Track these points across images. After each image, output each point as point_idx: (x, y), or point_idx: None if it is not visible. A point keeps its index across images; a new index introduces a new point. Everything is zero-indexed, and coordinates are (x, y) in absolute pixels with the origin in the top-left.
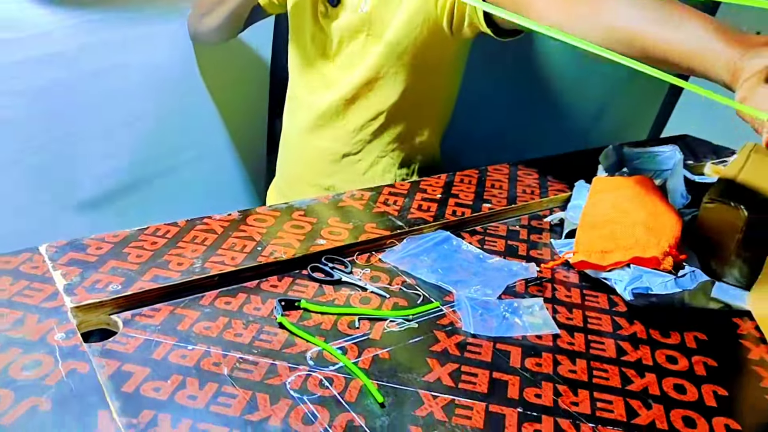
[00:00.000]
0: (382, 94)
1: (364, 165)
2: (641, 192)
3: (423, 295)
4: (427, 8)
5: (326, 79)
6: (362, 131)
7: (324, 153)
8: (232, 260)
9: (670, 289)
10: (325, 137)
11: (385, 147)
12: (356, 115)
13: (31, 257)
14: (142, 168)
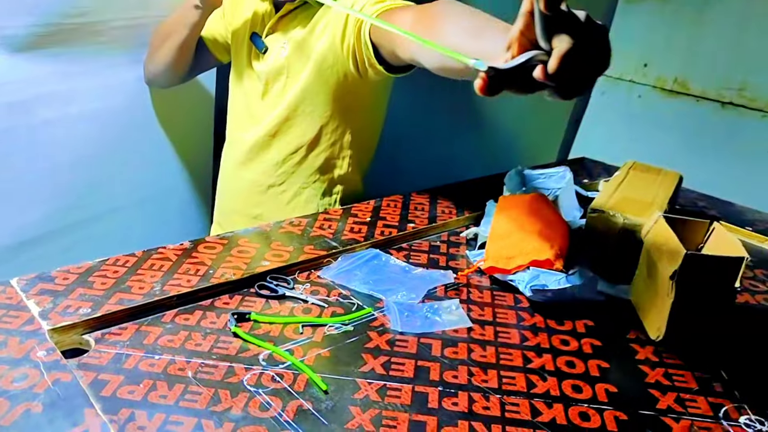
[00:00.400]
0: (300, 130)
1: (288, 195)
2: (537, 207)
3: (357, 303)
4: (335, 53)
5: (255, 117)
6: (285, 164)
7: (252, 185)
8: (187, 282)
9: (562, 285)
10: (253, 170)
11: (307, 179)
12: (279, 149)
13: (4, 290)
14: (93, 207)
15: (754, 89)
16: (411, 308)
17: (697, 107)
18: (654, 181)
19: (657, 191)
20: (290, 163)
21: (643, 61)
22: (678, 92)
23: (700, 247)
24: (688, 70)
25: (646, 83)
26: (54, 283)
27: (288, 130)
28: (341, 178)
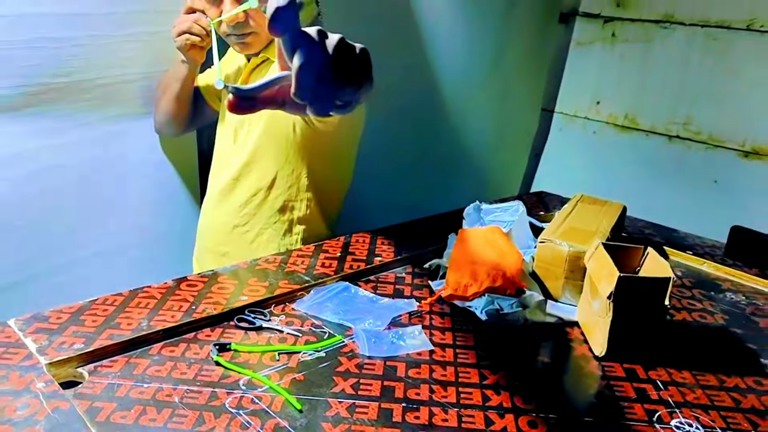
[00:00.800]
0: (259, 174)
1: (251, 235)
2: (492, 238)
3: (329, 332)
4: None
5: (226, 161)
6: (247, 206)
7: (221, 225)
8: (172, 318)
9: (515, 309)
10: (222, 211)
11: (267, 220)
12: (242, 192)
13: (3, 329)
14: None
15: (698, 123)
16: (378, 335)
17: (647, 141)
18: (599, 212)
19: (601, 221)
20: (252, 205)
21: (596, 99)
22: (629, 127)
23: (636, 270)
24: (637, 107)
25: (599, 120)
26: (49, 322)
27: (248, 174)
28: (301, 219)
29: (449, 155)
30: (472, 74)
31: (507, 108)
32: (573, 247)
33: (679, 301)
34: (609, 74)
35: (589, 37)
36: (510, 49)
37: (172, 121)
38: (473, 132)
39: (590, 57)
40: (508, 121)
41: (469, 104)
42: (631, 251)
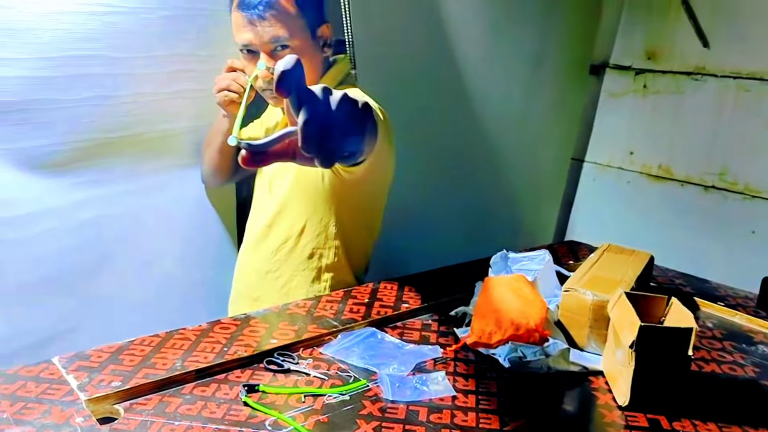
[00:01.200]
0: (289, 222)
1: (282, 281)
2: (517, 287)
3: (354, 376)
4: None
5: (262, 210)
6: (278, 252)
7: (254, 270)
8: (204, 359)
9: (538, 357)
10: (256, 257)
11: (297, 267)
12: (273, 239)
13: (48, 366)
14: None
15: (735, 173)
16: (402, 380)
17: (682, 191)
18: (625, 261)
19: (627, 270)
20: (282, 252)
21: (629, 150)
22: (664, 177)
23: (661, 320)
24: (671, 157)
25: (633, 170)
26: (89, 360)
27: (280, 221)
28: (329, 267)
29: (479, 204)
30: (502, 124)
31: (537, 157)
32: (597, 297)
33: (708, 353)
34: (642, 125)
35: (621, 89)
36: (540, 99)
37: (216, 172)
38: (504, 181)
39: (622, 108)
40: (538, 170)
41: (499, 153)
42: (655, 301)
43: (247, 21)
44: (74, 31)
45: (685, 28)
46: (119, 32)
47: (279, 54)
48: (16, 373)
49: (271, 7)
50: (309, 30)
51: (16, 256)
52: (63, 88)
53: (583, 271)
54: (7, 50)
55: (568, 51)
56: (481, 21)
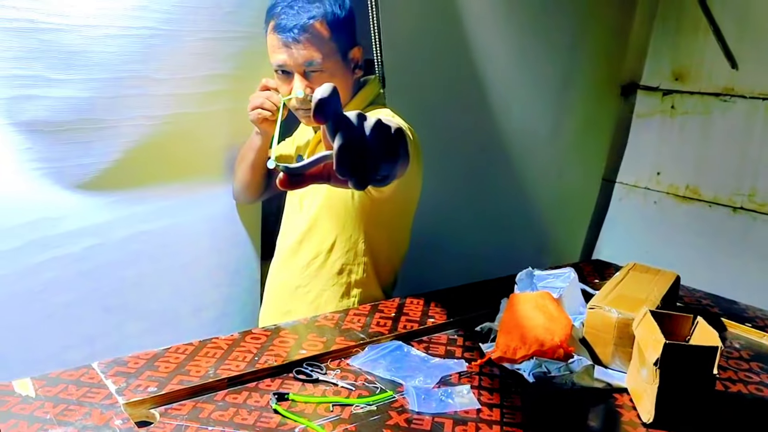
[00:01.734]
0: (319, 238)
1: (312, 296)
2: (542, 303)
3: (380, 387)
4: None
5: (292, 227)
6: (309, 268)
7: (285, 285)
8: (236, 367)
9: (563, 372)
10: (287, 272)
11: (326, 282)
12: (304, 254)
13: (88, 371)
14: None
15: (763, 194)
16: (427, 392)
17: (710, 211)
18: (651, 281)
19: (652, 289)
20: (313, 267)
21: (656, 170)
22: (691, 198)
23: (686, 339)
24: (698, 178)
25: (660, 190)
26: (127, 366)
27: (311, 238)
28: (357, 283)
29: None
30: (531, 144)
31: (566, 177)
32: (622, 314)
33: (735, 373)
34: (669, 145)
35: (649, 109)
36: (569, 120)
37: (248, 189)
38: (532, 200)
39: (650, 128)
40: (567, 189)
41: (527, 173)
42: (681, 320)
43: (282, 43)
44: (120, 53)
45: (713, 49)
46: (162, 54)
47: (312, 76)
48: (59, 377)
49: (306, 31)
50: (341, 53)
51: (66, 272)
52: (109, 108)
53: (609, 289)
54: (60, 71)
55: (597, 72)
56: (510, 42)
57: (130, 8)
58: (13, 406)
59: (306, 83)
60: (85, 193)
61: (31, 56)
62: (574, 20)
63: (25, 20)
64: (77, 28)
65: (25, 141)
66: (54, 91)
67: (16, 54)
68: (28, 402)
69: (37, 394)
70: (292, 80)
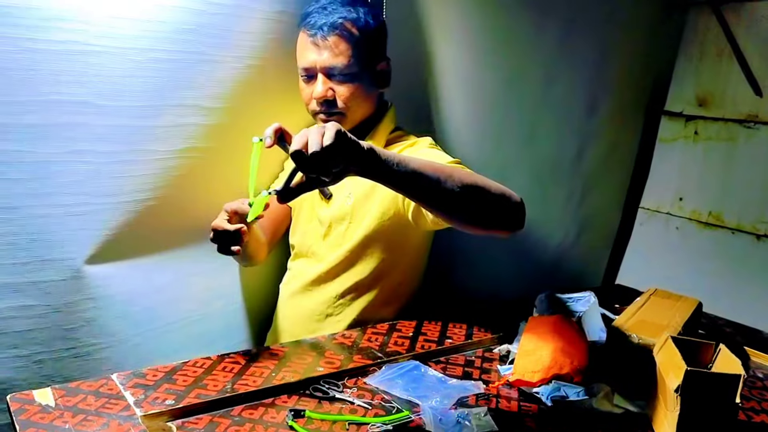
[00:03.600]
0: (359, 271)
1: (344, 324)
2: (561, 327)
3: (397, 407)
4: (396, 206)
5: (317, 255)
6: (343, 298)
7: (311, 312)
8: (253, 383)
9: (581, 397)
10: (313, 300)
11: (362, 311)
12: (339, 285)
13: (107, 382)
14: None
15: None
16: (445, 413)
17: (733, 239)
18: (672, 307)
19: (674, 315)
20: (347, 298)
21: (678, 195)
22: (714, 224)
23: (708, 367)
24: (722, 204)
25: (682, 216)
26: (145, 378)
27: (349, 269)
28: (393, 312)
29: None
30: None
31: (588, 202)
32: (642, 340)
33: (758, 403)
34: (692, 171)
35: (672, 134)
36: (593, 144)
37: (251, 260)
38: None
39: (672, 153)
40: (590, 214)
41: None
42: (703, 347)
43: (310, 42)
44: (170, 78)
45: (737, 75)
46: (214, 81)
47: (336, 80)
48: (78, 387)
49: (336, 29)
50: (368, 62)
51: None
52: (161, 138)
53: (630, 314)
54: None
55: (622, 97)
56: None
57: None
58: (33, 415)
59: (329, 86)
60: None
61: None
62: (599, 45)
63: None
64: (124, 50)
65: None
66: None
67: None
68: (47, 411)
69: (57, 403)
70: (314, 84)
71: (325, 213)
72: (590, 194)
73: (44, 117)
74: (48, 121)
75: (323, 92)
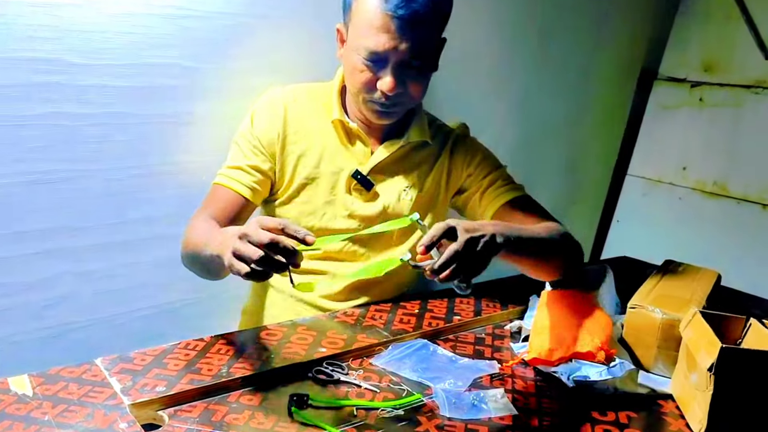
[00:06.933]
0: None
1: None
2: (579, 302)
3: (407, 390)
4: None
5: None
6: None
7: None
8: (251, 366)
9: (604, 377)
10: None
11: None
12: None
13: (90, 368)
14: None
15: None
16: (458, 396)
17: (738, 208)
18: (692, 279)
19: (695, 288)
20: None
21: (681, 165)
22: (718, 194)
23: (738, 342)
24: (727, 174)
25: (685, 186)
26: (133, 363)
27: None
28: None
29: None
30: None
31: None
32: (667, 315)
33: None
34: (696, 139)
35: (676, 101)
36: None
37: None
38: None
39: (676, 121)
40: (579, 181)
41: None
42: (731, 321)
43: (392, 22)
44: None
45: (745, 39)
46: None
47: (411, 73)
48: (59, 374)
49: (428, 8)
50: (438, 52)
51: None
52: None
53: (648, 288)
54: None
55: (617, 62)
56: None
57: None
58: (8, 406)
59: (402, 78)
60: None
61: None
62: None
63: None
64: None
65: None
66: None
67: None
68: (24, 401)
69: (35, 392)
70: (377, 73)
71: (363, 209)
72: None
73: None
74: (17, 81)
75: (396, 89)
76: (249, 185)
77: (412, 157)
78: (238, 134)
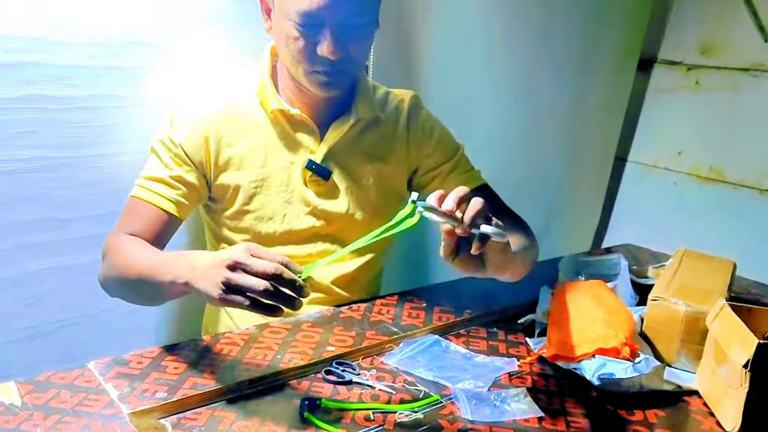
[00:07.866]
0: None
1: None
2: (598, 294)
3: (424, 390)
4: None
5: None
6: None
7: None
8: (257, 367)
9: (630, 374)
10: None
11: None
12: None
13: (83, 372)
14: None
15: None
16: (479, 396)
17: (734, 194)
18: (709, 269)
19: (715, 278)
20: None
21: (677, 150)
22: (714, 179)
23: (766, 336)
24: (723, 158)
25: (680, 171)
26: (129, 366)
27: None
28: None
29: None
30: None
31: (581, 155)
32: (691, 308)
33: None
34: (692, 124)
35: (671, 85)
36: (586, 96)
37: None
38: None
39: (671, 105)
40: (582, 168)
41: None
42: (758, 313)
43: None
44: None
45: (743, 21)
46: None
47: (350, 33)
48: (49, 380)
49: None
50: (378, 12)
51: None
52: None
53: (667, 279)
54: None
55: (616, 45)
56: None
57: None
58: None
59: (342, 41)
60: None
61: None
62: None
63: None
64: None
65: None
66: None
67: None
68: (13, 412)
69: (24, 402)
70: (314, 38)
71: (329, 202)
72: (582, 147)
73: None
74: None
75: (338, 51)
76: (172, 199)
77: (366, 136)
78: (155, 140)
